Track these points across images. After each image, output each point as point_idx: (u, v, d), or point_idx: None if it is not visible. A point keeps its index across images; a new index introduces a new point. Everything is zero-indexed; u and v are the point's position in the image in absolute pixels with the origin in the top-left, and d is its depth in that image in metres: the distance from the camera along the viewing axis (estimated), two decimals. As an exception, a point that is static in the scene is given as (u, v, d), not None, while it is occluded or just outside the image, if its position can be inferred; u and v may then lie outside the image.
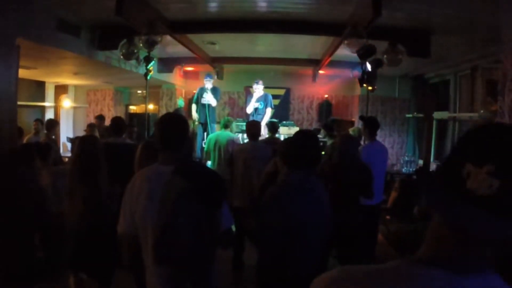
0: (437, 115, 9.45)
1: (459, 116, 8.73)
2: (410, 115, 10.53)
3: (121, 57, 6.88)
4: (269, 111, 9.24)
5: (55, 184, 4.89)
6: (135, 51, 6.77)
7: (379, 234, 6.52)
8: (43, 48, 5.97)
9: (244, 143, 5.57)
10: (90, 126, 7.79)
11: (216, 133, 7.27)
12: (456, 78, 8.91)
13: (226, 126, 6.81)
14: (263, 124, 8.27)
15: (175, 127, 2.60)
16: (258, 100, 9.24)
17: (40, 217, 4.88)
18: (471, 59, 7.87)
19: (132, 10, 5.39)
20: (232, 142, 6.54)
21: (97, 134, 7.48)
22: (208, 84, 9.39)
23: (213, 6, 6.23)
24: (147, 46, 6.28)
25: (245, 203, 5.17)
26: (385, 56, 6.86)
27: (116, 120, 5.88)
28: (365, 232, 5.30)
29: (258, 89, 9.20)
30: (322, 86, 11.17)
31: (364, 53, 6.79)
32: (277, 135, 7.04)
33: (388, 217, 7.85)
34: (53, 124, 7.46)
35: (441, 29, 6.41)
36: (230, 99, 12.20)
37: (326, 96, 11.43)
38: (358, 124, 9.55)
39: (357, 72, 9.61)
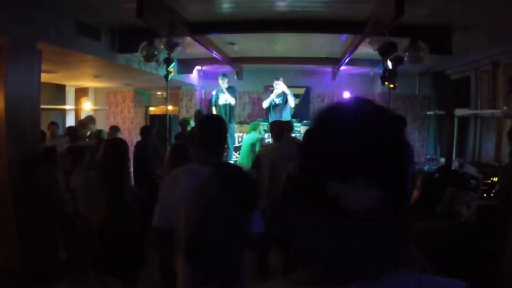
0: (458, 112, 9.22)
1: (480, 113, 8.48)
2: (431, 113, 10.30)
3: (142, 59, 6.82)
4: (291, 100, 9.29)
5: (85, 187, 4.86)
6: (156, 53, 6.71)
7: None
8: (64, 52, 5.94)
9: (269, 144, 5.46)
10: (113, 129, 7.74)
11: (248, 136, 7.27)
12: (477, 74, 8.65)
13: (254, 129, 6.83)
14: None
15: (216, 129, 2.66)
16: (277, 96, 9.16)
17: (62, 220, 4.86)
18: (492, 55, 7.64)
19: (152, 12, 5.31)
20: (262, 142, 6.53)
21: (119, 136, 7.44)
22: (224, 84, 9.33)
23: (231, 6, 6.16)
24: (168, 48, 6.21)
25: (271, 205, 5.05)
26: (407, 53, 6.67)
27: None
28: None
29: (279, 85, 9.13)
30: (342, 84, 10.98)
31: (386, 51, 6.66)
32: (293, 135, 6.98)
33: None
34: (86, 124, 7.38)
35: (461, 25, 6.28)
36: (250, 99, 12.08)
37: (346, 94, 11.23)
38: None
39: (377, 70, 9.46)
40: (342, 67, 9.80)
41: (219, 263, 2.38)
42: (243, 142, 7.21)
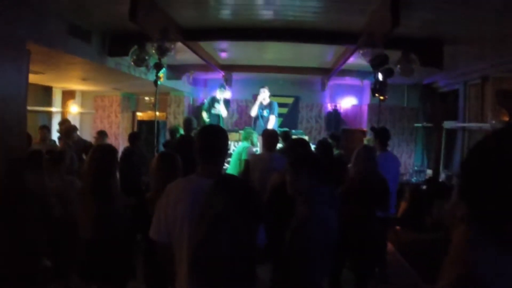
0: (447, 124, 9.27)
1: (468, 126, 8.54)
2: (419, 125, 10.33)
3: (132, 63, 6.69)
4: (272, 119, 9.09)
5: (64, 192, 4.72)
6: (146, 57, 6.59)
7: (388, 243, 6.36)
8: (53, 53, 5.79)
9: (260, 153, 5.37)
10: (100, 134, 7.55)
11: (239, 145, 7.18)
12: (465, 88, 8.73)
13: (246, 138, 6.73)
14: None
15: (217, 140, 2.56)
16: (263, 108, 9.09)
17: (46, 225, 4.70)
18: (481, 69, 7.73)
19: (145, 16, 5.20)
20: (249, 151, 6.44)
21: (107, 142, 7.26)
22: (221, 95, 9.25)
23: (225, 13, 6.08)
24: (160, 53, 6.10)
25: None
26: (398, 65, 6.67)
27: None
28: (377, 242, 5.15)
29: (263, 94, 9.06)
30: (331, 94, 11.00)
31: (377, 63, 6.65)
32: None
33: (398, 227, 7.65)
34: (71, 130, 7.16)
35: (451, 38, 6.28)
36: (239, 107, 12.00)
37: (335, 105, 11.24)
38: (369, 134, 9.39)
39: (366, 81, 9.48)
40: (332, 78, 9.79)
41: (227, 281, 2.26)
42: (234, 151, 7.09)
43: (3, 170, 4.48)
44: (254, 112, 9.26)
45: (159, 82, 6.78)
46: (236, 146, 9.09)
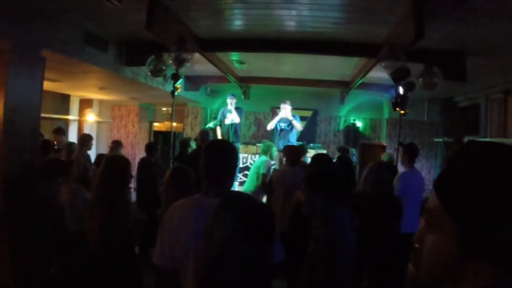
0: (467, 139, 8.94)
1: (488, 140, 8.19)
2: (439, 139, 10.03)
3: (149, 73, 6.58)
4: (299, 126, 8.91)
5: (73, 202, 4.59)
6: (163, 68, 6.47)
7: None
8: (69, 61, 5.71)
9: (283, 168, 5.18)
10: (115, 144, 7.39)
11: (258, 159, 7.02)
12: (487, 102, 8.48)
13: (265, 152, 6.57)
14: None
15: (225, 156, 2.33)
16: (283, 121, 8.89)
17: (57, 234, 4.56)
18: (504, 82, 7.50)
19: (162, 25, 5.08)
20: (267, 165, 6.26)
21: (121, 152, 7.11)
22: (232, 104, 9.09)
23: (242, 24, 5.94)
24: (177, 64, 5.96)
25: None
26: (420, 79, 6.45)
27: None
28: (397, 261, 4.89)
29: (285, 109, 8.80)
30: (350, 108, 10.77)
31: (399, 76, 6.43)
32: (304, 159, 6.72)
33: (417, 245, 7.34)
34: (87, 139, 7.03)
35: (474, 51, 6.08)
36: (256, 120, 11.83)
37: (354, 119, 11.00)
38: (389, 148, 9.14)
39: (386, 95, 9.25)
40: (351, 91, 9.58)
41: None
42: (252, 165, 6.90)
43: (15, 177, 4.39)
44: (271, 126, 9.05)
45: (176, 93, 6.65)
46: (254, 160, 8.95)
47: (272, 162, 6.67)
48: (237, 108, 9.16)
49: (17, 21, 4.37)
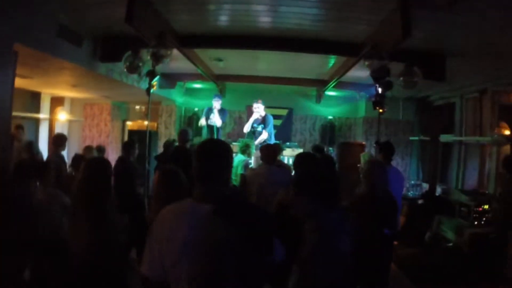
0: (443, 138, 9.02)
1: (466, 139, 8.30)
2: (415, 138, 10.03)
3: (125, 70, 6.25)
4: (265, 135, 8.58)
5: (49, 207, 4.25)
6: (140, 64, 6.16)
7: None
8: (42, 57, 5.33)
9: (258, 167, 4.97)
10: (88, 149, 6.96)
11: (235, 158, 6.74)
12: (462, 101, 8.52)
13: (243, 151, 6.36)
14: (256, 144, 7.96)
15: (218, 158, 2.08)
16: (257, 123, 8.69)
17: (31, 240, 4.22)
18: (479, 82, 7.54)
19: (142, 19, 4.79)
20: (245, 165, 6.06)
21: (94, 155, 6.70)
22: (217, 105, 8.83)
23: (221, 20, 5.75)
24: (155, 60, 5.66)
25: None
26: (401, 78, 6.37)
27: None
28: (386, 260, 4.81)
29: (258, 109, 8.58)
30: (325, 107, 10.63)
31: (379, 75, 6.35)
32: (280, 157, 6.56)
33: (396, 242, 7.31)
34: (61, 139, 6.58)
35: (452, 51, 6.10)
36: (232, 118, 11.49)
37: (329, 117, 10.88)
38: (368, 148, 9.06)
39: (362, 94, 9.19)
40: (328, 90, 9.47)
41: None
42: None
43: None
44: (247, 128, 8.82)
45: (151, 91, 6.37)
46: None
47: (250, 161, 6.45)
48: (221, 110, 8.91)
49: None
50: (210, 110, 8.88)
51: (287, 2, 4.99)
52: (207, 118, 8.86)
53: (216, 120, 8.69)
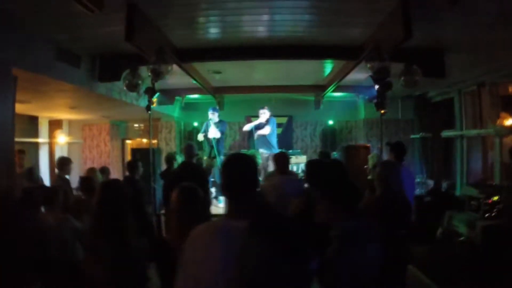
0: (445, 133, 8.97)
1: (468, 133, 8.22)
2: (416, 136, 9.93)
3: (125, 88, 6.12)
4: (266, 130, 8.62)
5: (60, 232, 4.10)
6: (139, 82, 6.04)
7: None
8: (41, 80, 5.21)
9: (272, 177, 4.82)
10: (91, 171, 6.76)
11: None
12: (460, 96, 8.45)
13: None
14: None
15: (248, 172, 2.00)
16: (260, 127, 8.69)
17: (40, 265, 4.05)
18: (477, 76, 7.45)
19: (141, 36, 4.65)
20: None
21: (99, 177, 6.53)
22: (213, 117, 8.71)
23: (218, 32, 5.64)
24: (155, 76, 5.52)
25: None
26: (402, 78, 6.29)
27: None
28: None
29: (264, 114, 8.59)
30: (325, 111, 10.50)
31: (380, 76, 6.26)
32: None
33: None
34: (66, 163, 6.37)
35: (449, 47, 6.03)
36: (232, 130, 11.40)
37: (330, 122, 10.76)
38: (374, 149, 8.93)
39: (362, 96, 9.10)
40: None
41: None
42: None
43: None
44: (247, 127, 8.81)
45: (158, 108, 6.26)
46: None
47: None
48: (220, 122, 8.79)
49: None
50: (208, 124, 8.81)
51: (282, 10, 4.89)
52: (205, 132, 8.74)
53: (214, 133, 8.57)
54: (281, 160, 4.88)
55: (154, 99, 6.27)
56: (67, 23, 4.72)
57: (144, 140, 11.85)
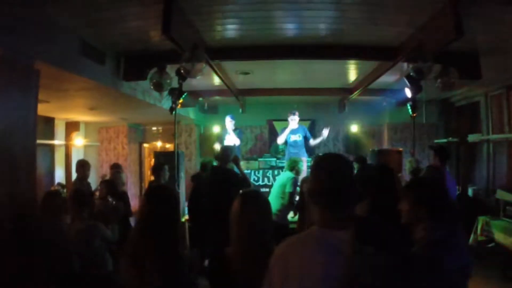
0: (471, 138, 8.46)
1: (495, 137, 7.75)
2: (443, 140, 9.34)
3: (151, 87, 5.57)
4: (312, 141, 8.24)
5: (89, 241, 3.55)
6: (168, 81, 5.49)
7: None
8: (64, 76, 4.64)
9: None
10: (116, 167, 6.16)
11: (281, 175, 6.25)
12: (486, 99, 8.00)
13: (291, 168, 5.76)
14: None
15: (344, 174, 1.70)
16: (294, 132, 8.06)
17: (63, 280, 3.49)
18: (504, 79, 7.04)
19: (177, 29, 4.11)
20: (294, 184, 5.47)
21: (122, 179, 5.93)
22: (231, 125, 8.21)
23: (249, 29, 5.07)
24: (187, 75, 4.94)
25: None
26: (439, 80, 5.82)
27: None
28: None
29: (294, 121, 7.97)
30: (347, 116, 9.92)
31: (419, 78, 5.78)
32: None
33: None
34: (85, 166, 5.69)
35: (483, 49, 5.61)
36: (253, 134, 10.81)
37: (353, 126, 10.19)
38: (405, 154, 8.40)
39: (389, 100, 8.58)
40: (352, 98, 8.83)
41: None
42: (276, 181, 6.12)
43: (12, 215, 3.33)
44: (281, 140, 8.16)
45: (176, 110, 5.74)
46: (258, 175, 8.10)
47: (301, 178, 5.80)
48: (236, 129, 8.31)
49: (6, 24, 3.34)
50: (224, 131, 8.41)
51: (317, 6, 4.36)
52: (221, 142, 8.20)
53: (234, 140, 8.03)
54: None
55: (181, 101, 5.76)
56: (93, 14, 4.18)
57: (159, 144, 11.30)
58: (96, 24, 4.44)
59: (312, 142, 8.19)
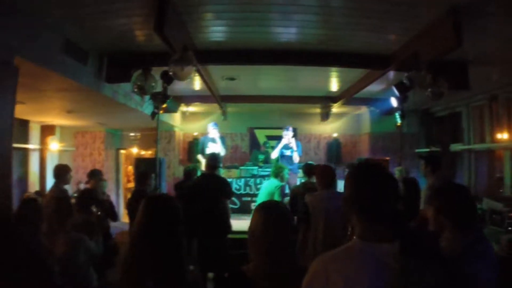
0: (453, 147, 8.46)
1: (475, 147, 7.79)
2: (425, 149, 9.30)
3: (135, 90, 5.21)
4: (296, 158, 7.95)
5: (73, 255, 3.16)
6: (153, 84, 5.14)
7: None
8: (44, 75, 4.24)
9: (319, 192, 3.98)
10: (97, 174, 5.69)
11: (267, 182, 6.01)
12: (468, 109, 8.00)
13: (276, 175, 5.50)
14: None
15: (387, 183, 1.56)
16: (287, 148, 7.95)
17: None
18: (488, 90, 7.04)
19: (170, 29, 3.79)
20: (282, 192, 5.22)
21: (103, 187, 5.49)
22: (215, 133, 7.90)
23: (245, 32, 4.84)
24: (176, 78, 4.62)
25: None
26: (429, 89, 5.69)
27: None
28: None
29: (287, 136, 7.92)
30: (328, 125, 9.74)
31: (406, 87, 5.67)
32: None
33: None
34: (65, 171, 5.17)
35: (472, 60, 5.54)
36: (233, 141, 10.49)
37: (335, 135, 10.01)
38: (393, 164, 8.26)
39: (374, 109, 8.47)
40: (334, 108, 8.65)
41: None
42: (261, 189, 5.85)
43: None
44: (275, 154, 8.08)
45: (157, 115, 5.45)
46: (239, 184, 7.81)
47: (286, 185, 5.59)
48: (221, 138, 8.11)
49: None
50: (207, 139, 8.03)
51: (314, 10, 4.17)
52: (204, 148, 7.87)
53: (218, 149, 7.71)
54: (324, 174, 4.03)
55: (165, 105, 5.45)
56: (76, 9, 3.80)
57: (135, 150, 10.83)
58: (80, 20, 4.06)
59: (296, 158, 8.03)
